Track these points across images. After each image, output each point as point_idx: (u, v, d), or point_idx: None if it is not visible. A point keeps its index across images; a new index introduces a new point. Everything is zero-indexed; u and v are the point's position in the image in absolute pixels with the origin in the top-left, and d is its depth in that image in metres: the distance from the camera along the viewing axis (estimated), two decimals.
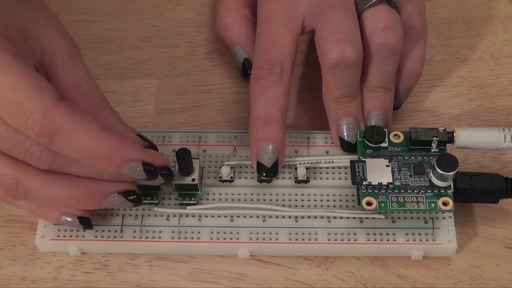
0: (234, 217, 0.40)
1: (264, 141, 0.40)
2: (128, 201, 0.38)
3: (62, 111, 0.35)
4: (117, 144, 0.36)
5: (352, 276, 0.40)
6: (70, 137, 0.35)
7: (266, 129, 0.40)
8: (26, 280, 0.40)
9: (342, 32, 0.40)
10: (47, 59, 0.38)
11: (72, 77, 0.38)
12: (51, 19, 0.39)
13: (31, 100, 0.34)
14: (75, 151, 0.35)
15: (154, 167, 0.37)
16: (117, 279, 0.40)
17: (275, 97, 0.41)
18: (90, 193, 0.38)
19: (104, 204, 0.38)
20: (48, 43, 0.38)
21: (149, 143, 0.39)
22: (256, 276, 0.40)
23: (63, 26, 0.40)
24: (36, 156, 0.37)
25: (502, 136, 0.40)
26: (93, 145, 0.35)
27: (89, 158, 0.36)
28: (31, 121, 0.34)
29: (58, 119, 0.35)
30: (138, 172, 0.37)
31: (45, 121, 0.35)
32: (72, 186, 0.38)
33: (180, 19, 0.50)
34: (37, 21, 0.38)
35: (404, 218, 0.40)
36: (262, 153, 0.40)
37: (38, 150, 0.36)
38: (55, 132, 0.35)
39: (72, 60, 0.39)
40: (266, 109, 0.40)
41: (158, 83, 0.47)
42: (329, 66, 0.40)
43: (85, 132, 0.35)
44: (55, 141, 0.35)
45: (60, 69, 0.38)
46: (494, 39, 0.49)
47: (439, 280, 0.40)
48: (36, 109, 0.34)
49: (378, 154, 0.41)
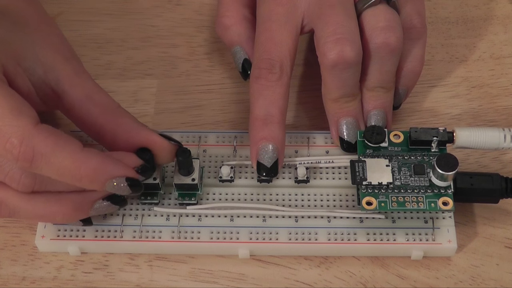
0: (234, 217, 0.40)
1: (264, 140, 0.40)
2: (113, 205, 0.38)
3: (42, 134, 0.34)
4: (99, 162, 0.36)
5: (352, 276, 0.40)
6: (51, 160, 0.35)
7: (266, 129, 0.40)
8: (26, 280, 0.40)
9: (341, 32, 0.40)
10: (52, 79, 0.38)
11: (82, 91, 0.38)
12: (51, 37, 0.39)
13: (9, 123, 0.34)
14: (57, 173, 0.35)
15: (137, 181, 0.37)
16: (117, 279, 0.40)
17: (274, 97, 0.41)
18: (75, 206, 0.38)
19: (91, 212, 0.38)
20: (50, 62, 0.38)
21: (174, 141, 0.39)
22: (256, 276, 0.40)
23: (66, 44, 0.40)
24: (16, 181, 0.36)
25: (502, 136, 0.40)
26: (75, 166, 0.35)
27: (72, 179, 0.36)
28: (9, 145, 0.34)
29: (38, 142, 0.34)
30: (123, 188, 0.37)
31: (24, 145, 0.34)
32: (55, 202, 0.37)
33: (180, 19, 0.50)
34: (36, 42, 0.38)
35: (404, 218, 0.40)
36: (262, 152, 0.40)
37: (18, 174, 0.36)
38: (35, 155, 0.34)
39: (79, 75, 0.39)
40: (266, 108, 0.40)
41: (158, 83, 0.47)
42: (329, 66, 0.40)
43: (66, 154, 0.35)
44: (35, 164, 0.35)
45: (68, 86, 0.38)
46: (494, 39, 0.49)
47: (439, 280, 0.40)
48: (15, 133, 0.34)
49: (378, 154, 0.41)
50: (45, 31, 0.39)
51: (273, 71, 0.41)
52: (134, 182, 0.37)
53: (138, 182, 0.37)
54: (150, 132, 0.38)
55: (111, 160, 0.36)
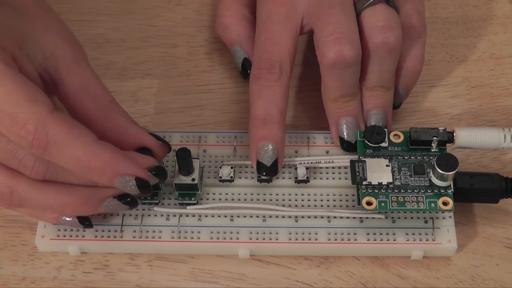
0: (234, 217, 0.40)
1: (264, 140, 0.40)
2: (123, 205, 0.38)
3: (56, 122, 0.35)
4: (110, 157, 0.36)
5: (352, 276, 0.40)
6: (63, 149, 0.35)
7: (265, 128, 0.40)
8: (26, 280, 0.40)
9: (340, 31, 0.40)
10: (51, 65, 0.38)
11: (79, 81, 0.38)
12: (52, 24, 0.39)
13: (25, 111, 0.34)
14: (68, 162, 0.35)
15: (146, 183, 0.37)
16: (117, 279, 0.40)
17: (274, 97, 0.41)
18: (85, 199, 0.38)
19: (100, 209, 0.38)
20: (51, 48, 0.38)
21: (163, 142, 0.39)
22: (256, 276, 0.40)
23: (67, 30, 0.39)
24: (29, 167, 0.37)
25: (502, 136, 0.40)
26: (86, 157, 0.35)
27: (82, 170, 0.36)
28: (24, 132, 0.34)
29: (52, 130, 0.35)
30: (131, 187, 0.37)
31: (39, 132, 0.34)
32: (67, 193, 0.37)
33: (180, 19, 0.50)
34: (36, 28, 0.38)
35: (404, 218, 0.40)
36: (262, 152, 0.40)
37: (31, 161, 0.36)
38: (48, 143, 0.35)
39: (78, 64, 0.39)
40: (266, 108, 0.40)
41: (158, 83, 0.47)
42: (328, 65, 0.40)
43: (78, 144, 0.35)
44: (48, 152, 0.35)
45: (66, 74, 0.38)
46: (494, 39, 0.49)
47: (439, 280, 0.40)
48: (30, 120, 0.34)
49: (378, 154, 0.41)
50: (45, 17, 0.39)
51: (272, 71, 0.41)
52: (143, 183, 0.37)
53: (147, 184, 0.37)
54: (139, 130, 0.39)
55: (123, 157, 0.36)
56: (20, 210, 0.39)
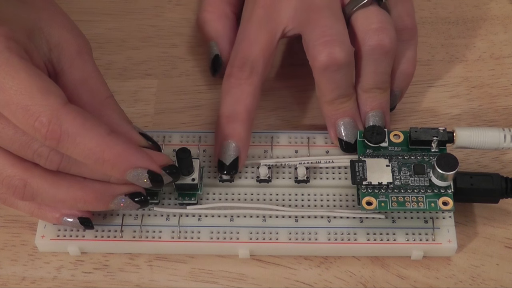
0: (234, 217, 0.41)
1: (226, 138, 0.40)
2: (134, 203, 0.38)
3: (70, 114, 0.35)
4: (123, 150, 0.36)
5: (352, 276, 0.40)
6: (77, 141, 0.35)
7: (229, 126, 0.40)
8: (26, 280, 0.40)
9: (329, 34, 0.40)
10: (55, 56, 0.38)
11: (79, 73, 0.38)
12: (58, 16, 0.39)
13: (39, 103, 0.34)
14: (81, 154, 0.36)
15: (159, 176, 0.37)
16: (117, 279, 0.40)
17: (242, 95, 0.41)
18: (97, 195, 0.38)
19: (111, 205, 0.38)
20: (56, 40, 0.38)
21: (153, 142, 0.39)
22: (256, 276, 0.40)
23: (72, 23, 0.40)
24: (44, 157, 0.37)
25: (502, 136, 0.40)
26: (99, 149, 0.35)
27: (95, 162, 0.36)
28: (38, 124, 0.35)
29: (65, 122, 0.35)
30: (143, 180, 0.37)
31: (52, 124, 0.35)
32: (79, 187, 0.38)
33: (180, 19, 0.50)
34: (42, 19, 0.38)
35: (404, 218, 0.40)
36: (224, 150, 0.40)
37: (46, 151, 0.37)
38: (62, 135, 0.35)
39: (80, 56, 0.39)
40: (232, 106, 0.41)
41: (158, 83, 0.47)
42: (320, 68, 0.40)
43: (92, 136, 0.35)
44: (62, 144, 0.35)
45: (67, 66, 0.38)
46: (494, 39, 0.49)
47: (439, 280, 0.40)
48: (44, 112, 0.35)
49: (378, 154, 0.41)
50: (51, 10, 0.39)
51: (243, 69, 0.41)
52: (156, 176, 0.37)
53: (160, 178, 0.37)
54: (130, 129, 0.39)
55: (137, 150, 0.37)
56: (22, 208, 0.39)
